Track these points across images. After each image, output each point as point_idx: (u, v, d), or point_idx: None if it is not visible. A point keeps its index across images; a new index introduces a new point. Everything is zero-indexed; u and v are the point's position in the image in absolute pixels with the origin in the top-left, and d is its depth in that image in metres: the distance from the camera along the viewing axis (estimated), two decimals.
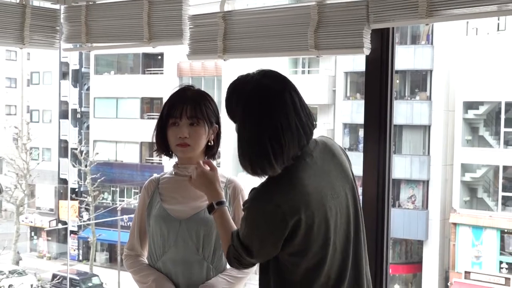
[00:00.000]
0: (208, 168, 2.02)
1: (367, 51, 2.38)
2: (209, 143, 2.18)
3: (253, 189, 1.77)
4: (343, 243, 1.80)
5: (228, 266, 2.18)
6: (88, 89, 27.51)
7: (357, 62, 18.66)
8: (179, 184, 2.18)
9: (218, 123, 2.20)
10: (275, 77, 1.80)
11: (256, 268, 2.24)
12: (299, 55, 2.57)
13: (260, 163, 1.74)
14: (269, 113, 1.73)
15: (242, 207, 1.87)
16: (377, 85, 2.43)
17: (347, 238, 1.82)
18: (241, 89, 1.80)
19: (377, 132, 2.43)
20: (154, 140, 2.20)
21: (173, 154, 2.22)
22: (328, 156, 1.84)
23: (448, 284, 19.06)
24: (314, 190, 1.74)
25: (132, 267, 2.22)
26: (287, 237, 1.73)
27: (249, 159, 1.76)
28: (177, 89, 2.23)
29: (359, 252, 1.86)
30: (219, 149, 2.23)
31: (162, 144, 2.18)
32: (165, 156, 2.23)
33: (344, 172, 1.86)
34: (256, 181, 1.84)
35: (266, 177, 1.79)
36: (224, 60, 2.72)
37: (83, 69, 27.85)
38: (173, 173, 2.24)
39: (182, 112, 2.11)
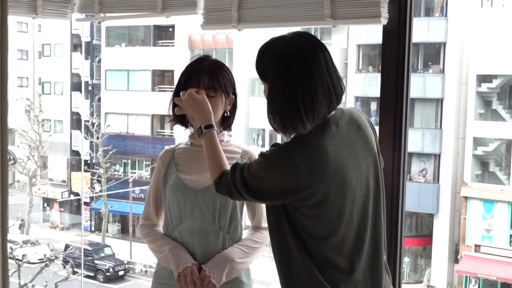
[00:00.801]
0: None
1: (384, 21, 2.34)
2: (225, 114, 2.17)
3: (276, 144, 1.75)
4: (360, 216, 1.78)
5: (243, 236, 2.21)
6: (99, 61, 27.50)
7: (370, 34, 18.50)
8: (195, 154, 2.17)
9: (235, 93, 2.18)
10: (308, 35, 1.78)
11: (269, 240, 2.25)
12: (315, 24, 2.53)
13: (291, 119, 1.71)
14: (302, 68, 1.72)
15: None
16: (394, 56, 2.39)
17: (365, 211, 1.80)
18: (273, 48, 1.79)
19: (393, 104, 2.40)
20: (171, 111, 2.19)
21: (189, 125, 2.21)
22: (354, 127, 1.81)
23: (458, 257, 19.13)
24: (335, 157, 1.72)
25: (148, 237, 2.22)
26: (300, 199, 1.71)
27: (280, 116, 1.74)
28: (193, 59, 2.21)
29: (378, 227, 1.84)
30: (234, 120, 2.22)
31: (179, 115, 2.16)
32: (181, 127, 2.22)
33: (368, 144, 1.83)
34: None
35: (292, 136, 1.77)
36: (239, 30, 2.69)
37: (94, 41, 27.82)
38: (189, 143, 2.23)
39: (200, 83, 2.10)
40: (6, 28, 0.95)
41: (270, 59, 1.77)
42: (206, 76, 2.11)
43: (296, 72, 1.71)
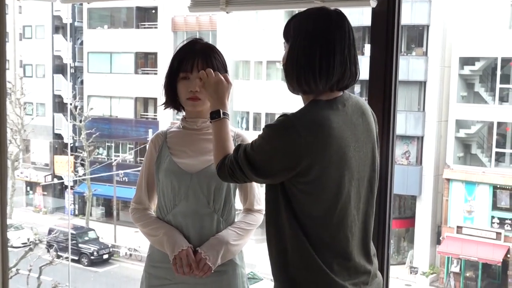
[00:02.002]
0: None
1: (373, 4, 2.33)
2: None
3: (283, 114, 1.77)
4: (355, 199, 1.80)
5: (236, 219, 2.22)
6: (81, 43, 27.19)
7: (353, 17, 18.35)
8: (187, 137, 2.19)
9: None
10: (340, 11, 1.84)
11: (261, 222, 2.26)
12: (303, 7, 2.50)
13: (306, 75, 1.76)
14: (325, 32, 1.77)
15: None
16: (383, 39, 2.38)
17: (360, 194, 1.82)
18: (303, 13, 1.84)
19: (382, 88, 2.39)
20: (164, 94, 2.19)
21: (181, 108, 2.21)
22: (359, 111, 1.84)
23: (440, 238, 19.33)
24: (339, 135, 1.74)
25: (141, 221, 2.22)
26: (299, 172, 1.71)
27: (297, 70, 1.78)
28: (185, 42, 2.20)
29: (369, 213, 1.87)
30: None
31: (172, 98, 2.17)
32: (173, 110, 2.22)
33: (370, 132, 1.86)
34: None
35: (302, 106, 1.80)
36: (227, 12, 2.66)
37: (76, 23, 27.47)
38: (181, 126, 2.23)
39: (193, 66, 2.10)
40: (4, 12, 0.92)
41: (297, 21, 1.82)
42: (200, 59, 2.11)
43: (319, 33, 1.76)
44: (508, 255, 17.89)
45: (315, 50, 1.75)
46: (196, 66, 2.10)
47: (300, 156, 1.69)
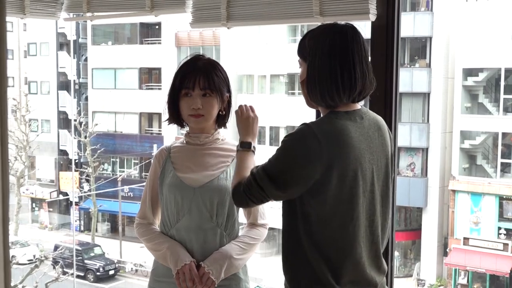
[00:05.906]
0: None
1: (372, 17, 2.36)
2: (221, 112, 2.20)
3: (303, 123, 1.79)
4: (368, 211, 1.81)
5: (240, 233, 2.22)
6: (85, 60, 27.35)
7: None
8: (191, 152, 2.20)
9: (229, 91, 2.21)
10: (351, 25, 1.86)
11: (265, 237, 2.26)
12: (304, 22, 2.54)
13: (330, 90, 1.78)
14: (343, 46, 1.79)
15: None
16: (383, 53, 2.41)
17: (374, 207, 1.83)
18: (317, 29, 1.87)
19: (383, 100, 2.41)
20: (166, 110, 2.21)
21: (185, 124, 2.23)
22: (375, 126, 1.86)
23: (447, 250, 19.24)
24: (356, 145, 1.76)
25: (145, 235, 2.23)
26: (318, 180, 1.72)
27: (320, 86, 1.79)
28: (187, 59, 2.22)
29: (382, 228, 1.87)
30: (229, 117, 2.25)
31: (174, 114, 2.19)
32: (176, 125, 2.25)
33: (385, 147, 1.88)
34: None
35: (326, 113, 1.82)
36: (228, 28, 2.69)
37: (80, 40, 27.66)
38: (185, 142, 2.25)
39: (195, 83, 2.12)
40: (5, 29, 0.94)
41: (311, 38, 1.84)
42: (201, 77, 2.12)
43: (337, 47, 1.79)
44: None
45: (335, 65, 1.77)
46: (198, 83, 2.12)
47: (319, 163, 1.71)
